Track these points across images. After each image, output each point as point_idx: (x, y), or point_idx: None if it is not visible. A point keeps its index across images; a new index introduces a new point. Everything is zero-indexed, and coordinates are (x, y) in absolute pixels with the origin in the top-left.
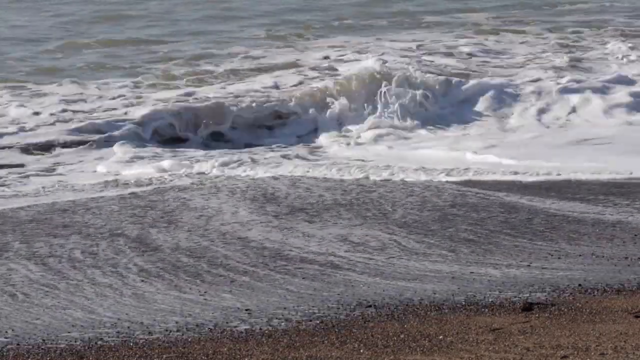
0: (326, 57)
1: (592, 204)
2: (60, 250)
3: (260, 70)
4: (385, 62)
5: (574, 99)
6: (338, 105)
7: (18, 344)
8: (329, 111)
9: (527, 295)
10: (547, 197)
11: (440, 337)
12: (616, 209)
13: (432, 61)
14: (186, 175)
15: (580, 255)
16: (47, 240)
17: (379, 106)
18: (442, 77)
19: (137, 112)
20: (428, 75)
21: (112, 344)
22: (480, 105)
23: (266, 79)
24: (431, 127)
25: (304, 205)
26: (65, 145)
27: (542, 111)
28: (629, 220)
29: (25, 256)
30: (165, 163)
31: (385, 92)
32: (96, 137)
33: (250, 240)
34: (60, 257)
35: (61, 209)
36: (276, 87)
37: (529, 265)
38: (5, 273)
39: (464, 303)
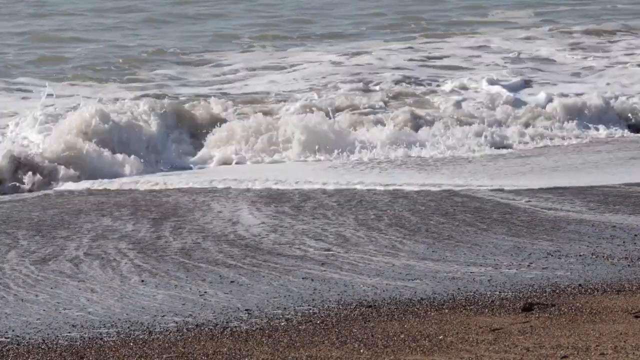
0: None
1: None
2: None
3: None
4: None
5: None
6: None
7: (18, 344)
8: None
9: (527, 295)
10: None
11: (440, 337)
12: None
13: None
14: None
15: (580, 255)
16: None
17: None
18: None
19: None
20: None
21: (112, 343)
22: None
23: None
24: None
25: None
26: None
27: None
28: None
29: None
30: None
31: None
32: None
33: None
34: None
35: None
36: None
37: (529, 266)
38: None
39: (464, 303)
